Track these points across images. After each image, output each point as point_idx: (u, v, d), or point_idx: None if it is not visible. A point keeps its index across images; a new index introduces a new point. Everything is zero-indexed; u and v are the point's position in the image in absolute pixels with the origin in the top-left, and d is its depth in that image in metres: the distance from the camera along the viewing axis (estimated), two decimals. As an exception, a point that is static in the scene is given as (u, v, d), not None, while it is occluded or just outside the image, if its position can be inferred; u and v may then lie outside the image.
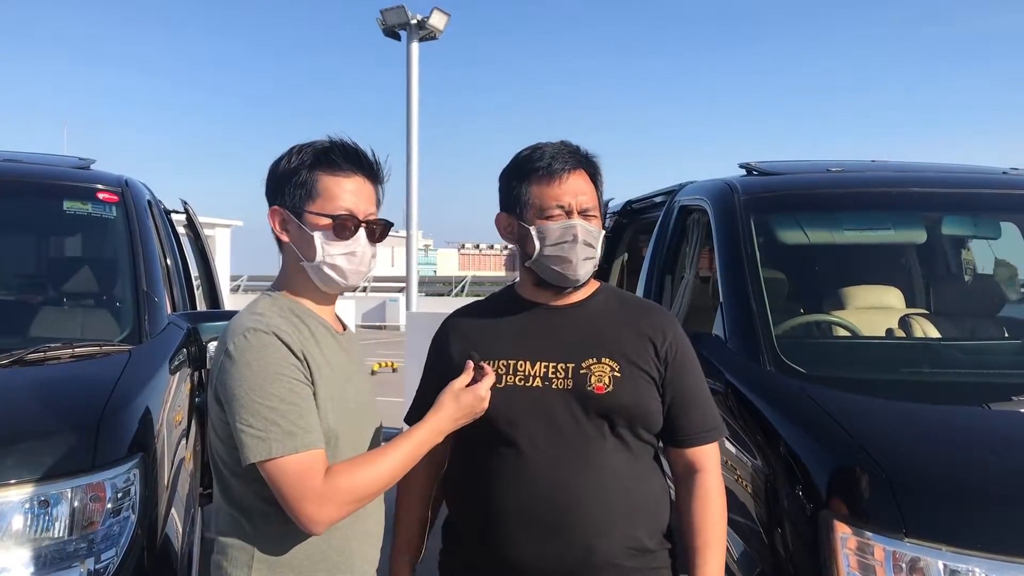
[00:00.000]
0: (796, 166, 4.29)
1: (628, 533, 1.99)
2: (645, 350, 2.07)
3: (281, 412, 1.73)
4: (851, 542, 2.23)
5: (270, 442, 1.72)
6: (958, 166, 4.31)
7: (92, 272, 3.87)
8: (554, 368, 2.03)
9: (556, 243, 2.04)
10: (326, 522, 1.75)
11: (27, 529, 2.39)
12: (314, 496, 1.72)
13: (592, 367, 2.02)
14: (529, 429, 2.00)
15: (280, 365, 1.76)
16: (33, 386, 2.84)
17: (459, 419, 1.93)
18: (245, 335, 1.79)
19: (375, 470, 1.81)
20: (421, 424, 1.90)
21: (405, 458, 1.85)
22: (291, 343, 1.80)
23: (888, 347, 3.34)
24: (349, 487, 1.76)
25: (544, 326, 2.11)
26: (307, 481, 1.72)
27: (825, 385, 2.77)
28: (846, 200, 3.77)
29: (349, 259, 1.91)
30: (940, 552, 2.11)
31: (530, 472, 1.98)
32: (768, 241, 3.58)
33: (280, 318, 1.85)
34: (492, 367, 2.03)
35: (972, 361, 3.24)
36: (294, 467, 1.72)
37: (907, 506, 2.19)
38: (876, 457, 2.33)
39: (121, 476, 2.57)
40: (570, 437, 1.99)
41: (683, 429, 2.08)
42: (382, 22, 13.40)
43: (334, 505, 1.74)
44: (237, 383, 1.76)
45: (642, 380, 2.04)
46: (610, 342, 2.06)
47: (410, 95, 13.67)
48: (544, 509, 1.96)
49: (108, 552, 2.50)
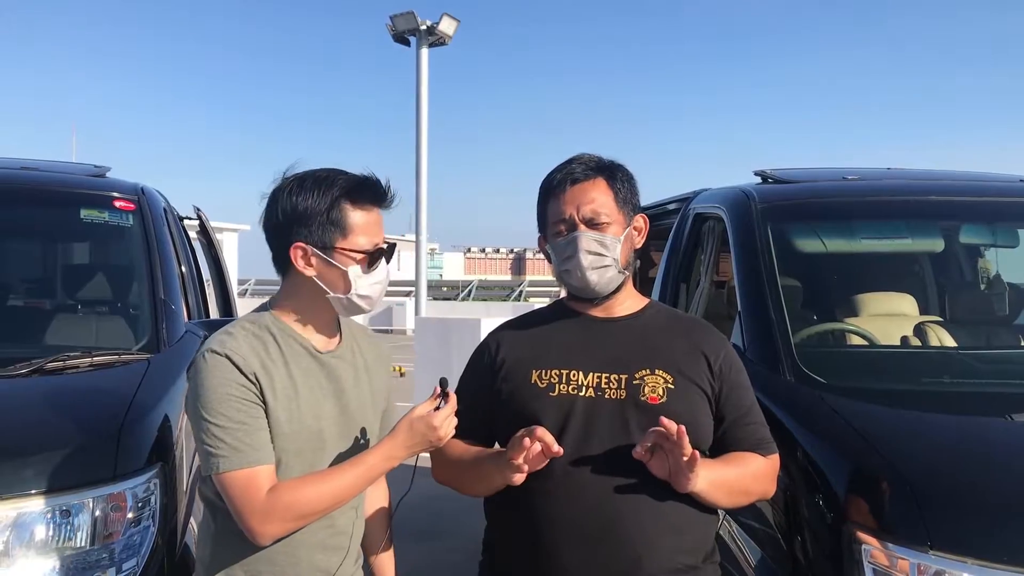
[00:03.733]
0: (811, 174, 4.28)
1: (676, 547, 1.98)
2: (699, 365, 2.08)
3: (228, 431, 1.84)
4: (875, 554, 2.21)
5: (219, 458, 1.84)
6: (974, 174, 4.29)
7: (109, 280, 3.88)
8: (607, 379, 2.04)
9: (564, 258, 2.08)
10: (268, 535, 1.85)
11: (49, 539, 2.39)
12: (256, 510, 1.83)
13: (645, 378, 2.03)
14: (580, 438, 1.99)
15: (229, 386, 1.86)
16: (53, 396, 2.85)
17: (412, 447, 1.92)
18: (204, 355, 1.89)
19: (319, 489, 1.87)
20: (374, 449, 1.93)
21: (355, 480, 1.91)
22: (243, 366, 1.87)
23: (907, 357, 3.33)
24: (290, 504, 1.84)
25: (596, 337, 2.12)
26: (250, 495, 1.83)
27: (845, 395, 2.75)
28: (864, 209, 3.76)
29: (378, 287, 2.02)
30: (966, 565, 2.10)
31: (579, 481, 1.97)
32: (784, 249, 3.57)
33: (245, 340, 1.92)
34: (545, 377, 2.05)
35: (993, 371, 3.22)
36: (239, 482, 1.83)
37: (932, 518, 2.18)
38: (900, 468, 2.33)
39: (141, 486, 2.58)
40: (620, 448, 1.97)
41: (738, 444, 2.08)
42: (392, 28, 13.46)
43: (275, 520, 1.84)
44: (192, 401, 1.90)
45: (696, 394, 2.05)
46: (663, 355, 2.07)
47: (419, 100, 13.71)
48: (592, 519, 1.95)
49: (129, 562, 2.50)
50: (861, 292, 3.72)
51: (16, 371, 2.92)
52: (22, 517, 2.37)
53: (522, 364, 2.11)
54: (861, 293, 3.71)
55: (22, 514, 2.37)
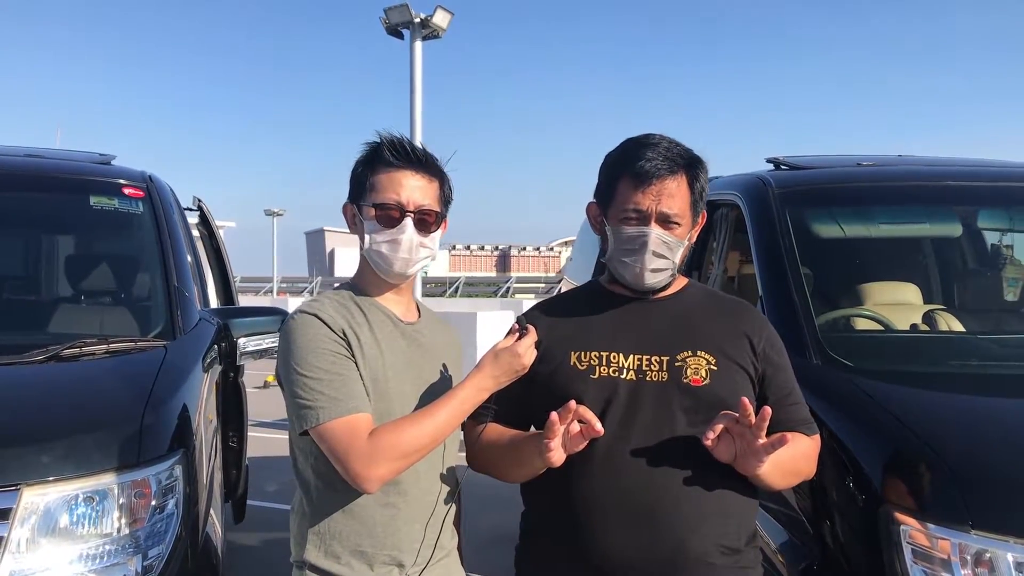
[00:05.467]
0: (824, 160, 4.27)
1: (721, 531, 1.96)
2: (741, 346, 2.05)
3: (325, 382, 1.89)
4: (914, 535, 2.20)
5: (317, 409, 1.87)
6: (986, 160, 4.30)
7: (122, 268, 3.85)
8: (648, 360, 2.00)
9: (626, 250, 2.02)
10: (375, 478, 1.86)
11: (75, 525, 2.36)
12: (361, 455, 1.84)
13: (687, 359, 2.00)
14: (622, 420, 1.96)
15: (322, 341, 1.92)
16: (75, 382, 2.82)
17: (499, 376, 1.98)
18: (293, 317, 1.99)
19: (419, 428, 1.90)
20: (464, 383, 1.98)
21: (449, 416, 1.94)
22: (331, 323, 1.95)
23: (930, 341, 3.32)
24: (394, 444, 1.86)
25: (635, 319, 2.08)
26: (354, 441, 1.85)
27: (873, 378, 2.74)
28: (882, 194, 3.75)
29: (391, 246, 2.03)
30: (1008, 544, 2.09)
31: (622, 464, 1.94)
32: (801, 235, 3.55)
33: (331, 305, 2.01)
34: (585, 359, 2.02)
35: (1016, 355, 3.22)
36: (341, 430, 1.86)
37: (973, 498, 2.17)
38: (938, 450, 2.31)
39: (164, 472, 2.56)
40: (663, 430, 1.95)
41: (782, 424, 2.00)
42: (385, 20, 13.39)
43: (381, 461, 1.85)
44: (285, 360, 1.95)
45: (739, 375, 2.02)
46: (704, 336, 2.04)
47: (413, 93, 13.68)
48: (634, 501, 1.92)
49: (155, 549, 2.48)
50: (867, 281, 3.70)
51: (32, 357, 2.87)
52: (48, 503, 2.33)
53: (560, 346, 2.07)
54: (867, 282, 3.69)
55: (49, 500, 2.33)
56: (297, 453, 2.04)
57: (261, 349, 3.86)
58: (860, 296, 3.62)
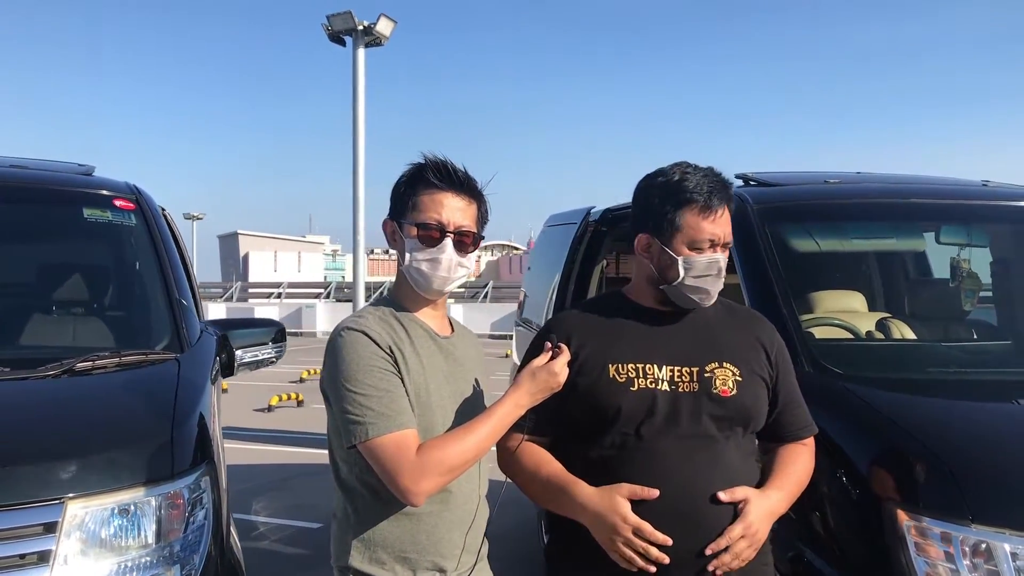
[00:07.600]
0: (792, 177, 4.47)
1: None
2: (759, 356, 2.22)
3: (374, 398, 1.96)
4: (916, 530, 2.37)
5: (366, 425, 1.94)
6: (941, 179, 4.56)
7: (122, 280, 3.82)
8: (679, 372, 2.14)
9: (701, 275, 2.16)
10: (423, 492, 1.94)
11: (115, 537, 2.40)
12: (409, 469, 1.92)
13: (715, 371, 2.14)
14: (659, 431, 2.09)
15: (371, 358, 2.00)
16: (98, 396, 2.83)
17: (535, 394, 2.07)
18: (341, 334, 2.05)
19: (463, 444, 1.98)
20: (502, 400, 2.07)
21: (490, 432, 2.03)
22: (379, 340, 2.02)
23: (909, 349, 3.54)
24: (440, 459, 1.94)
25: (665, 330, 2.22)
26: (402, 456, 1.92)
27: (864, 384, 2.93)
28: (857, 211, 3.97)
29: (431, 265, 2.11)
30: (1005, 536, 2.28)
31: (662, 468, 2.07)
32: (779, 250, 3.71)
33: (375, 321, 2.08)
34: (623, 371, 2.13)
35: (989, 360, 3.47)
36: (389, 445, 1.93)
37: (972, 494, 2.36)
38: (936, 450, 2.51)
39: (193, 483, 2.59)
40: (697, 437, 2.10)
41: (787, 426, 2.25)
42: (328, 27, 13.33)
43: (429, 476, 1.93)
44: (333, 375, 2.01)
45: (759, 385, 2.19)
46: (727, 347, 2.20)
47: (356, 101, 13.63)
48: (677, 500, 2.04)
49: (189, 561, 2.51)
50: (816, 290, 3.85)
51: (47, 372, 2.87)
52: (90, 516, 2.36)
53: (596, 358, 2.17)
54: (815, 291, 3.85)
55: (90, 513, 2.36)
56: (340, 464, 2.10)
57: (257, 360, 3.88)
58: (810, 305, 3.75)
